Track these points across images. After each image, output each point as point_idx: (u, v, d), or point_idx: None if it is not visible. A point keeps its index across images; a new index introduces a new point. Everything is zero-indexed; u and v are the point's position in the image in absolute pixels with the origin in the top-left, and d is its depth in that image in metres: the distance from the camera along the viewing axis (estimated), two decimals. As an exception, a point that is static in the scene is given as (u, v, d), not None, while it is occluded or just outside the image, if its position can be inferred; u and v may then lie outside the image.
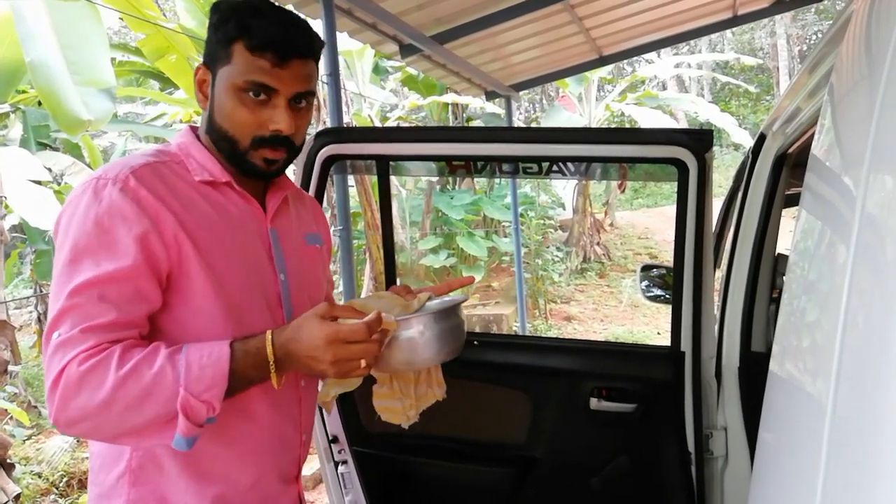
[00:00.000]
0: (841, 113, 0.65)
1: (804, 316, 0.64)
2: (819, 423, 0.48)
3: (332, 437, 1.90)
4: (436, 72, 5.15)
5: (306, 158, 1.78)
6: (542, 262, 9.08)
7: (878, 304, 0.42)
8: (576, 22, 4.79)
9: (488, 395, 1.86)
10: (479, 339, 1.85)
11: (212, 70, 1.08)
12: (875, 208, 0.46)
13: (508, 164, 1.87)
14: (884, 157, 0.47)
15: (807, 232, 0.69)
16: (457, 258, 9.11)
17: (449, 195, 9.32)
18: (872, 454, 0.40)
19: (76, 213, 0.98)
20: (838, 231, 0.56)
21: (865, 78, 0.57)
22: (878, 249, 0.44)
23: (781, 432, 0.66)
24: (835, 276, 0.52)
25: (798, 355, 0.65)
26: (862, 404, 0.43)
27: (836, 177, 0.60)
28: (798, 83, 1.48)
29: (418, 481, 1.93)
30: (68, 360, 0.91)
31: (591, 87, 10.42)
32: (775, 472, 0.65)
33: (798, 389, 0.61)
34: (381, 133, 1.94)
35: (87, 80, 4.25)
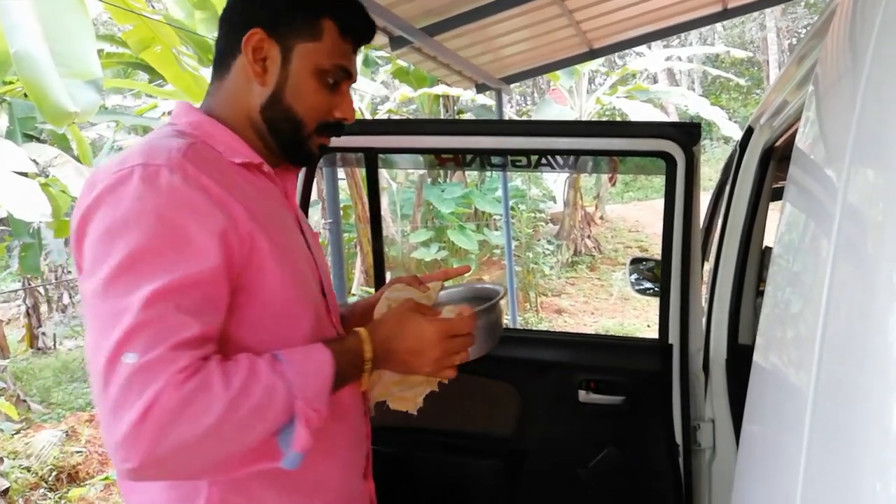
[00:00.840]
0: (824, 106, 0.65)
1: (787, 308, 0.64)
2: (800, 413, 0.49)
3: None
4: (426, 64, 5.13)
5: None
6: (533, 255, 9.10)
7: (859, 295, 0.43)
8: (566, 14, 4.78)
9: (478, 388, 1.87)
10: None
11: (282, 42, 0.95)
12: (856, 201, 0.46)
13: (497, 157, 1.87)
14: (865, 150, 0.47)
15: (790, 225, 0.70)
16: (448, 251, 9.11)
17: (440, 188, 9.31)
18: (852, 444, 0.40)
19: (121, 207, 0.79)
20: (820, 224, 0.56)
21: (848, 71, 0.57)
22: (859, 242, 0.44)
23: (764, 423, 0.66)
24: (816, 269, 0.52)
25: (780, 347, 0.66)
26: (842, 395, 0.43)
27: (819, 169, 0.60)
28: (785, 76, 1.48)
29: (407, 474, 1.94)
30: (162, 385, 0.74)
31: (582, 81, 10.43)
32: (758, 463, 0.66)
33: (780, 381, 0.62)
34: (369, 125, 1.94)
35: (73, 72, 4.21)
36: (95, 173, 0.85)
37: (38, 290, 7.84)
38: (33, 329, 7.94)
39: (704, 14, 5.48)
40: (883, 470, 0.35)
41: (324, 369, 0.87)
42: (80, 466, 4.51)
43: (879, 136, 0.45)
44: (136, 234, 0.78)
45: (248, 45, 0.94)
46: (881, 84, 0.47)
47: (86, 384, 6.65)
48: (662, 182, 1.71)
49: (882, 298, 0.39)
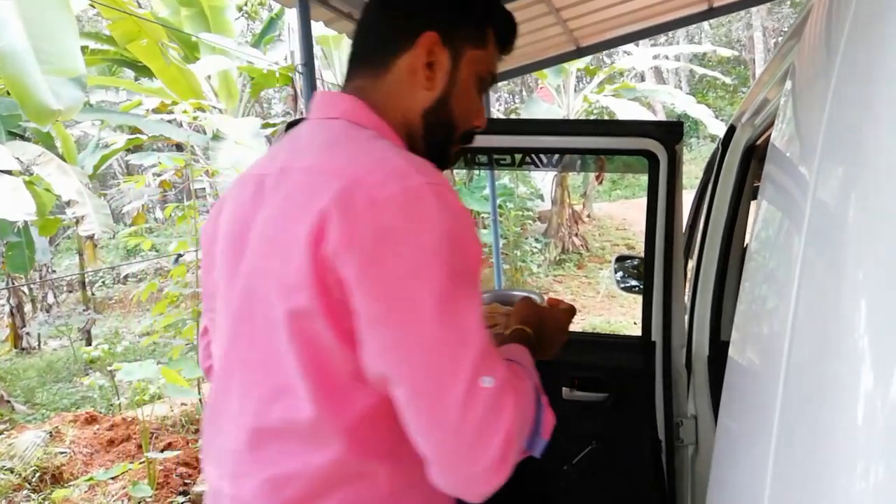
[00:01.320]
0: (798, 104, 0.65)
1: (761, 304, 0.65)
2: (770, 408, 0.49)
3: None
4: (413, 62, 5.12)
5: None
6: (521, 253, 9.11)
7: (828, 291, 0.43)
8: (553, 13, 4.79)
9: None
10: None
11: (453, 48, 0.92)
12: (826, 197, 0.47)
13: (483, 155, 1.87)
14: (835, 147, 0.47)
15: (764, 221, 0.70)
16: (436, 249, 9.11)
17: (428, 186, 9.31)
18: (819, 437, 0.40)
19: (427, 228, 0.74)
20: (792, 220, 0.57)
21: (821, 69, 0.58)
22: (829, 238, 0.45)
23: (738, 418, 0.66)
24: (788, 265, 0.52)
25: (754, 343, 0.66)
26: (810, 390, 0.44)
27: (792, 167, 0.61)
28: (766, 75, 1.49)
29: None
30: (511, 404, 0.74)
31: (570, 79, 10.45)
32: (733, 457, 0.66)
33: (753, 376, 0.62)
34: None
35: (56, 69, 4.18)
36: (353, 187, 0.76)
37: (21, 289, 7.77)
38: (17, 329, 7.87)
39: (690, 13, 5.51)
40: (850, 464, 0.36)
41: (531, 361, 0.94)
42: (65, 467, 4.47)
43: (849, 134, 0.46)
44: (451, 255, 0.75)
45: (422, 48, 0.90)
46: (851, 82, 0.47)
47: (70, 384, 6.60)
48: (648, 180, 1.72)
49: (849, 294, 0.40)
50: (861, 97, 0.45)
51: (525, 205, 9.87)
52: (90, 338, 7.26)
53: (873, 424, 0.35)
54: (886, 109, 0.41)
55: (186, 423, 4.65)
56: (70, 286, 10.25)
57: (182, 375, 4.13)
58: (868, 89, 0.44)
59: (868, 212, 0.40)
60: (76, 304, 8.99)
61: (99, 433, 4.60)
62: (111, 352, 5.98)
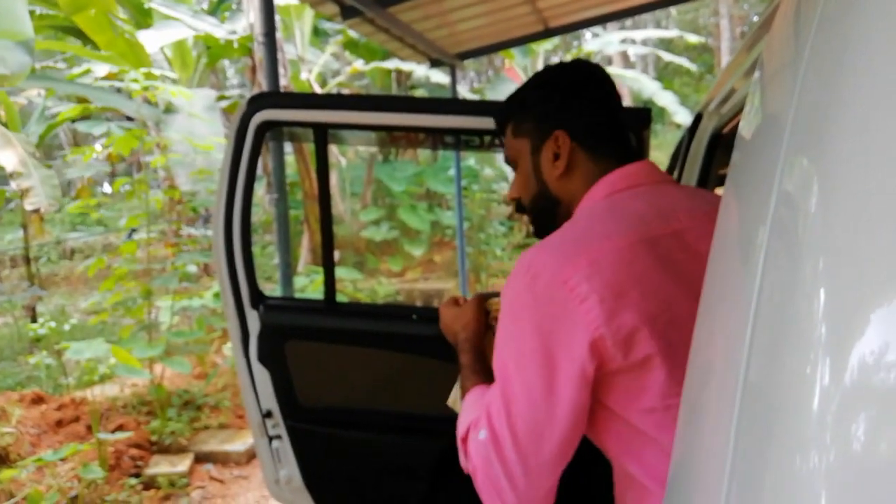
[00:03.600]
0: (766, 95, 0.63)
1: (722, 294, 0.64)
2: (730, 401, 0.48)
3: (266, 412, 1.85)
4: (378, 36, 4.97)
5: (238, 124, 1.71)
6: (486, 236, 9.06)
7: (791, 282, 0.43)
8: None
9: (426, 369, 1.81)
10: (418, 313, 1.84)
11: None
12: (791, 189, 0.46)
13: (451, 136, 1.80)
14: (802, 139, 0.47)
15: (728, 212, 0.67)
16: (398, 231, 9.01)
17: (391, 166, 9.17)
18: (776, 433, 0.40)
19: None
20: (757, 212, 0.54)
21: (788, 61, 0.56)
22: (792, 230, 0.44)
23: (697, 410, 0.65)
24: (751, 256, 0.52)
25: (716, 333, 0.64)
26: (770, 382, 0.43)
27: (758, 157, 0.58)
28: (734, 64, 1.47)
29: (354, 454, 1.89)
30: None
31: (538, 60, 10.37)
32: (692, 449, 0.64)
33: (714, 367, 0.61)
34: (319, 99, 1.86)
35: (2, 32, 3.94)
36: None
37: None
38: (-41, 306, 7.54)
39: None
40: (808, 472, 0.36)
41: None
42: (11, 447, 4.30)
43: (816, 126, 0.45)
44: None
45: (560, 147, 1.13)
46: (820, 73, 0.46)
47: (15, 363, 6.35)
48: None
49: (811, 287, 0.39)
50: (828, 89, 0.44)
51: (490, 187, 9.80)
52: (35, 315, 6.98)
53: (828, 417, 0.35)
54: (853, 103, 0.40)
55: (137, 404, 4.50)
56: (13, 261, 9.86)
57: (133, 355, 4.00)
58: (836, 81, 0.43)
59: (833, 205, 0.40)
60: (20, 280, 8.66)
61: (47, 413, 4.42)
62: (58, 330, 5.76)
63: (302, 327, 1.84)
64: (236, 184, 1.75)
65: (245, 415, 4.68)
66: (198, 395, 4.70)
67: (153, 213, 4.94)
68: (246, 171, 1.73)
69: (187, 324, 5.51)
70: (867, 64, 0.41)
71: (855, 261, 0.37)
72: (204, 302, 5.15)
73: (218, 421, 4.48)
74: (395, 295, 7.93)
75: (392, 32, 4.89)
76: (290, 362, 1.84)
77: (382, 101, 2.00)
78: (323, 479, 1.92)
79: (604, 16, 5.69)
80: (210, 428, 4.40)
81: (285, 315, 1.85)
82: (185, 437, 4.18)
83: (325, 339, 1.83)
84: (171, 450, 4.07)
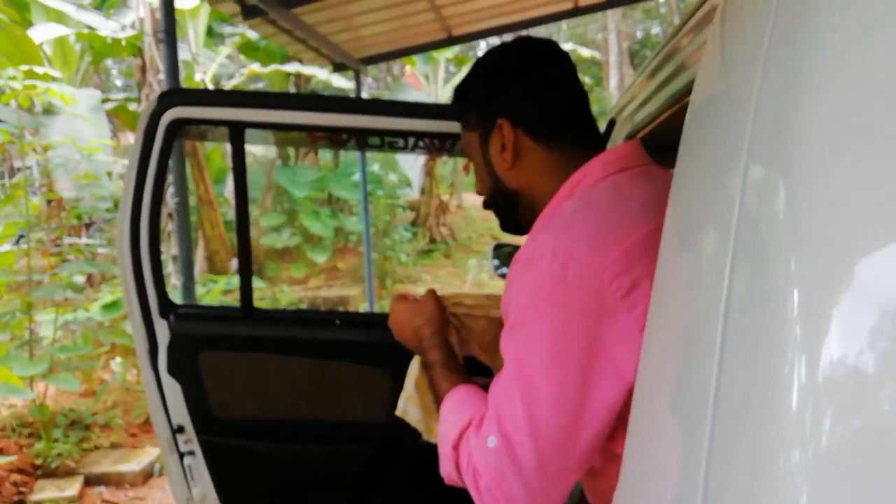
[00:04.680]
0: (714, 94, 0.62)
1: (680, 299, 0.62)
2: (702, 401, 0.44)
3: (177, 427, 1.75)
4: (280, 38, 4.85)
5: (147, 121, 1.61)
6: (391, 242, 9.02)
7: (761, 285, 0.41)
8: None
9: (348, 375, 1.78)
10: (341, 318, 1.80)
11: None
12: (756, 199, 0.45)
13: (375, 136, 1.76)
14: (765, 140, 0.45)
15: (682, 214, 0.66)
16: (301, 237, 8.81)
17: (292, 171, 8.96)
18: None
19: None
20: (718, 213, 0.53)
21: (741, 59, 0.54)
22: (760, 230, 0.42)
23: (656, 409, 0.63)
24: (715, 261, 0.49)
25: (672, 340, 0.64)
26: (745, 378, 0.41)
27: (714, 160, 0.57)
28: (648, 71, 1.50)
29: (274, 468, 1.81)
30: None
31: (439, 68, 10.47)
32: (652, 457, 0.62)
33: (670, 372, 0.59)
34: (235, 97, 1.77)
35: None
36: None
37: None
38: None
39: (558, 10, 5.66)
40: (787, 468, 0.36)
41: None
42: None
43: (782, 125, 0.43)
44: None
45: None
46: (783, 70, 0.44)
47: None
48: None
49: (783, 289, 0.39)
50: (789, 92, 0.43)
51: (395, 193, 9.78)
52: None
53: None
54: (816, 104, 0.39)
55: (18, 426, 4.14)
56: None
57: (14, 373, 3.67)
58: (797, 83, 0.42)
59: (804, 205, 0.39)
60: None
61: (-89, 439, 3.99)
62: (-78, 349, 5.21)
63: (217, 336, 1.75)
64: (144, 186, 1.64)
65: (137, 433, 4.43)
66: (86, 413, 4.39)
67: (31, 221, 4.57)
68: (155, 172, 1.63)
69: (71, 338, 5.13)
70: (836, 54, 0.40)
71: (828, 261, 0.36)
72: (90, 315, 4.82)
73: (109, 440, 4.21)
74: (299, 303, 7.74)
75: (295, 34, 4.78)
76: (203, 373, 1.74)
77: (305, 99, 1.94)
78: (241, 495, 1.83)
79: (505, 26, 5.82)
80: (101, 448, 4.13)
81: (199, 324, 1.76)
82: (74, 459, 3.90)
83: (243, 347, 1.75)
84: (58, 473, 3.78)
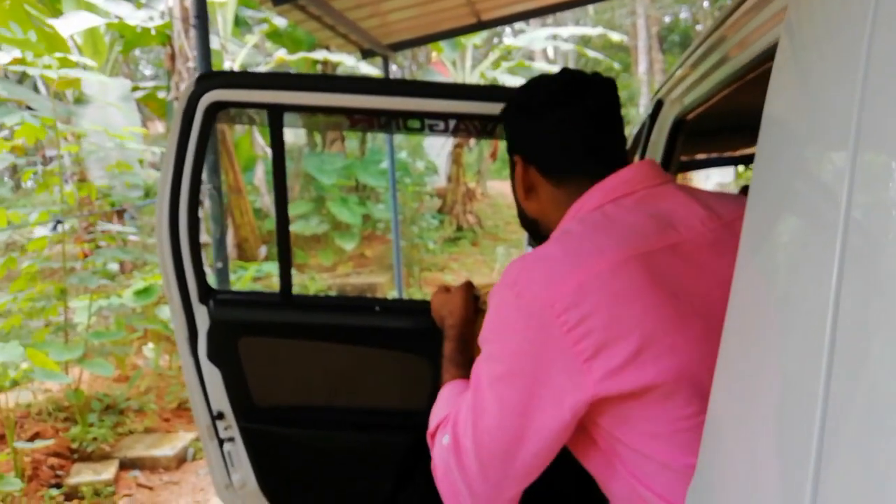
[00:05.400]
0: (805, 83, 0.58)
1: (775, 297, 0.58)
2: (809, 408, 0.41)
3: (218, 414, 1.74)
4: (309, 24, 4.82)
5: (186, 105, 1.58)
6: (419, 230, 9.00)
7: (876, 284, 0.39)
8: (457, -19, 4.65)
9: (388, 362, 1.75)
10: (381, 304, 1.74)
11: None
12: (870, 185, 0.42)
13: (415, 119, 1.72)
14: (876, 134, 0.42)
15: (770, 210, 0.62)
16: (329, 225, 8.82)
17: (319, 158, 8.96)
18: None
19: None
20: (823, 210, 0.50)
21: (838, 47, 0.50)
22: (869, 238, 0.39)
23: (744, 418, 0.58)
24: (821, 257, 0.47)
25: (767, 339, 0.60)
26: (863, 383, 0.36)
27: (817, 152, 0.53)
28: (698, 55, 1.47)
29: (313, 455, 1.80)
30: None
31: (467, 54, 10.39)
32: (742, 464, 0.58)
33: (768, 376, 0.56)
34: (275, 79, 1.74)
35: None
36: None
37: None
38: None
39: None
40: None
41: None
42: None
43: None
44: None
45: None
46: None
47: None
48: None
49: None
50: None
51: (422, 180, 9.75)
52: (-66, 319, 6.44)
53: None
54: None
55: (54, 410, 4.21)
56: None
57: (49, 358, 3.72)
58: None
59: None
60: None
61: (-46, 423, 4.07)
62: (-38, 334, 5.32)
63: (256, 322, 1.73)
64: (183, 170, 1.62)
65: (170, 418, 4.47)
66: (119, 398, 4.45)
67: (65, 209, 4.62)
68: (194, 156, 1.61)
69: (105, 324, 5.20)
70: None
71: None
72: (123, 301, 4.87)
73: (143, 425, 4.26)
74: (327, 290, 7.76)
75: (324, 20, 4.75)
76: (243, 360, 1.73)
77: (345, 81, 1.90)
78: (280, 481, 1.82)
79: (535, 10, 5.73)
80: (135, 433, 4.18)
81: (238, 310, 1.74)
82: (109, 444, 3.96)
83: (282, 334, 1.73)
84: (93, 457, 3.84)
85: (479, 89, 1.64)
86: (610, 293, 0.82)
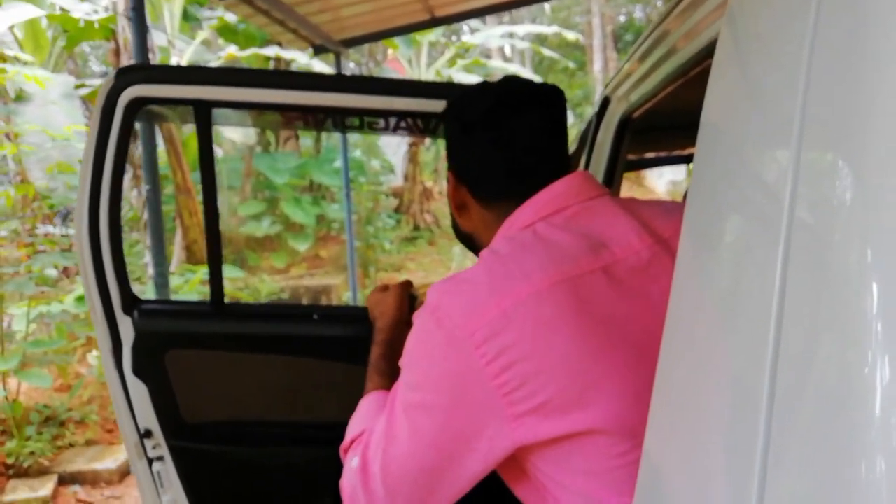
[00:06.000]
0: (747, 79, 0.56)
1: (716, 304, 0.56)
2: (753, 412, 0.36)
3: (145, 431, 1.63)
4: (257, 19, 4.69)
5: (105, 101, 1.46)
6: (374, 229, 8.90)
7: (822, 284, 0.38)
8: (408, -23, 4.58)
9: (327, 373, 1.67)
10: (319, 312, 1.67)
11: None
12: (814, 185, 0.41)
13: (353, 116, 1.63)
14: (821, 134, 0.41)
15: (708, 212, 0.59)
16: (282, 225, 8.66)
17: (272, 157, 8.79)
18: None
19: None
20: (764, 212, 0.48)
21: (784, 39, 0.48)
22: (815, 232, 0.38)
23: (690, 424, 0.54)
24: (764, 259, 0.45)
25: (705, 348, 0.58)
26: (807, 385, 0.36)
27: (756, 152, 0.51)
28: (644, 49, 1.44)
29: (249, 473, 1.70)
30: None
31: (422, 51, 10.33)
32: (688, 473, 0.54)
33: (710, 386, 0.53)
34: (202, 74, 1.63)
35: None
36: None
37: None
38: None
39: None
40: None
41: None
42: None
43: (842, 117, 0.39)
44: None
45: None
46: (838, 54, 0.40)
47: None
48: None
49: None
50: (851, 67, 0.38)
51: (378, 180, 9.64)
52: None
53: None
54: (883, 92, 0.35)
55: (-17, 425, 4.01)
56: None
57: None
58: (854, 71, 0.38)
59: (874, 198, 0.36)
60: None
61: None
62: None
63: (185, 334, 1.63)
64: (103, 171, 1.51)
65: (113, 429, 4.31)
66: (60, 409, 4.27)
67: (4, 211, 4.41)
68: (114, 156, 1.50)
69: (45, 332, 4.98)
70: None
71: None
72: (65, 307, 4.67)
73: (85, 437, 4.09)
74: (280, 293, 7.61)
75: (273, 15, 4.62)
76: (171, 374, 1.63)
77: (278, 76, 1.80)
78: (213, 502, 1.72)
79: (489, 6, 5.69)
80: (76, 446, 4.01)
81: (165, 321, 1.64)
82: (48, 458, 3.78)
83: (213, 346, 1.64)
84: (30, 472, 3.67)
85: (419, 85, 1.56)
86: (534, 322, 0.76)
